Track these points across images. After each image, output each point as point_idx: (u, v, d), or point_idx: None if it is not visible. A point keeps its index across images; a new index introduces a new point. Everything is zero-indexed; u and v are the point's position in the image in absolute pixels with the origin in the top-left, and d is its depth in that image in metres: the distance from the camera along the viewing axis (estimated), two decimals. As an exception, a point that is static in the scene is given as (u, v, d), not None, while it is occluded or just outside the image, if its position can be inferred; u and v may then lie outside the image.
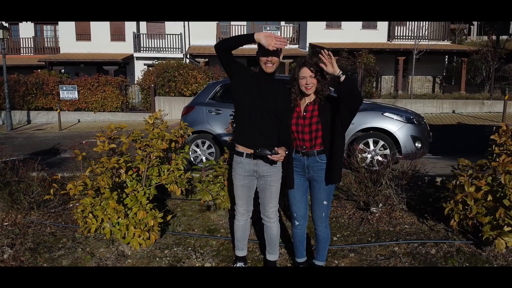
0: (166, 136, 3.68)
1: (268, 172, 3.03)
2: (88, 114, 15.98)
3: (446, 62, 23.13)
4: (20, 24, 26.28)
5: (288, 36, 23.88)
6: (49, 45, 25.99)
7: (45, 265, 3.91)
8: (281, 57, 3.00)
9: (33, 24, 26.19)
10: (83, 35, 24.02)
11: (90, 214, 3.70)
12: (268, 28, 23.27)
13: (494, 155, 3.34)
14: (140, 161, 3.70)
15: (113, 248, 3.99)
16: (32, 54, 25.44)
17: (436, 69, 21.94)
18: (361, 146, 5.86)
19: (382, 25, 21.80)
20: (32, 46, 25.76)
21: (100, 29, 23.73)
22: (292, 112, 3.01)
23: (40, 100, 15.91)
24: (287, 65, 21.22)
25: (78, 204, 3.73)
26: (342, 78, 2.66)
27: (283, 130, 3.01)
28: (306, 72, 2.91)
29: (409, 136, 5.79)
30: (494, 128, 3.44)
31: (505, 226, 3.20)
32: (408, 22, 21.52)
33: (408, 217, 4.04)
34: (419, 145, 5.78)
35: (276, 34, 2.89)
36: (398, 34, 21.90)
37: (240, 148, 3.06)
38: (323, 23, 21.81)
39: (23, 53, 25.88)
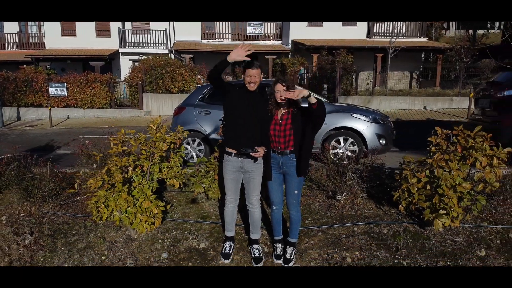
0: (167, 139, 4.42)
1: (252, 168, 3.81)
2: (77, 110, 16.48)
3: (423, 58, 24.19)
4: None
5: (272, 32, 24.58)
6: (33, 41, 26.09)
7: (63, 248, 4.63)
8: (261, 77, 3.77)
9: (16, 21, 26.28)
10: (68, 31, 24.24)
11: (102, 205, 4.43)
12: (252, 25, 23.93)
13: (431, 153, 4.18)
14: (144, 160, 4.44)
15: (121, 233, 4.73)
16: (17, 50, 25.52)
17: (413, 65, 22.96)
18: (333, 142, 6.70)
19: (362, 22, 22.68)
20: (17, 41, 25.85)
21: (85, 25, 23.95)
22: (271, 119, 3.79)
23: (30, 97, 16.33)
24: (270, 61, 21.95)
25: (92, 196, 4.44)
26: (312, 101, 3.43)
27: (263, 134, 3.79)
28: (279, 87, 3.68)
29: (374, 134, 6.65)
30: (433, 130, 4.28)
31: (441, 210, 4.05)
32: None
33: (367, 203, 4.89)
34: (383, 141, 6.65)
35: (245, 43, 3.71)
36: (377, 31, 22.83)
37: (229, 149, 3.83)
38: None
39: (8, 48, 25.95)
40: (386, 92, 16.60)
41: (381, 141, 6.64)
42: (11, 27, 26.07)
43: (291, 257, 3.95)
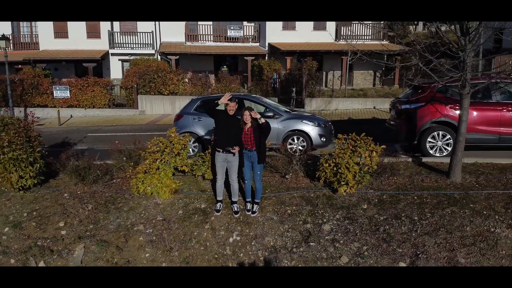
0: (180, 142, 7.33)
1: (232, 159, 6.75)
2: (79, 110, 19.07)
3: (385, 58, 27.37)
4: (-5, 20, 28.34)
5: (250, 34, 27.33)
6: (26, 41, 28.14)
7: (114, 211, 7.49)
8: (235, 106, 6.70)
9: (9, 21, 28.31)
10: (61, 33, 26.40)
11: (139, 183, 7.34)
12: (231, 27, 26.63)
13: (338, 147, 7.18)
14: (167, 154, 7.34)
15: (150, 201, 7.62)
16: (11, 50, 27.60)
17: (376, 65, 26.05)
18: (289, 140, 9.71)
19: (331, 27, 25.61)
20: (10, 42, 27.90)
21: (76, 27, 26.15)
22: (242, 131, 6.73)
23: (36, 98, 18.82)
24: (249, 62, 24.79)
25: (134, 177, 7.32)
26: (262, 121, 6.40)
27: (238, 139, 6.72)
28: (246, 113, 6.62)
29: (317, 134, 9.68)
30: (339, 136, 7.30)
31: (342, 182, 7.08)
32: (352, 24, 25.59)
33: (304, 180, 7.91)
34: (324, 139, 9.68)
35: (227, 94, 6.66)
36: (344, 34, 25.85)
37: (218, 148, 6.76)
38: (280, 25, 25.43)
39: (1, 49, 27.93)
40: (345, 94, 19.67)
41: (322, 139, 9.67)
42: (4, 29, 28.03)
43: (256, 210, 6.95)
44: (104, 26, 26.48)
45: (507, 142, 8.88)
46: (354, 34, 25.41)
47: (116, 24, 27.34)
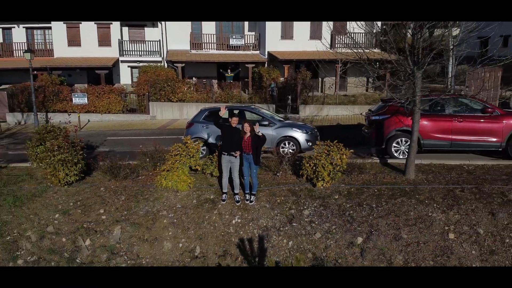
0: (194, 147, 9.55)
1: (234, 160, 8.97)
2: (96, 115, 21.31)
3: (377, 65, 29.52)
4: (12, 29, 30.62)
5: (251, 42, 29.51)
6: (40, 48, 30.35)
7: (143, 201, 9.71)
8: (237, 120, 8.92)
9: (24, 29, 30.60)
10: (74, 41, 28.62)
11: (163, 179, 9.56)
12: (234, 36, 28.85)
13: (315, 152, 9.37)
14: (185, 156, 9.56)
15: (170, 193, 9.82)
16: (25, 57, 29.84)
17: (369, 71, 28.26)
18: (282, 144, 11.91)
19: (326, 36, 27.74)
20: (25, 49, 30.09)
21: (89, 36, 28.37)
22: (242, 139, 8.93)
23: (57, 104, 21.07)
24: (250, 69, 26.98)
25: (158, 175, 9.53)
26: (260, 134, 8.62)
27: (239, 145, 8.93)
28: (246, 125, 8.84)
29: (305, 139, 11.87)
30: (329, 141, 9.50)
31: (319, 178, 9.27)
32: (346, 33, 27.71)
33: (292, 177, 10.10)
34: (310, 144, 11.86)
35: (223, 106, 8.89)
36: (338, 42, 27.98)
37: (224, 152, 8.98)
38: (279, 35, 27.60)
39: (16, 55, 30.10)
40: (336, 101, 21.83)
41: (308, 143, 11.85)
42: (19, 37, 30.34)
43: (253, 200, 9.15)
44: (114, 34, 28.65)
45: (457, 147, 11.06)
46: (347, 42, 27.55)
47: (125, 33, 29.56)
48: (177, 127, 19.43)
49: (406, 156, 10.19)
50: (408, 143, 10.97)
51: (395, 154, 11.17)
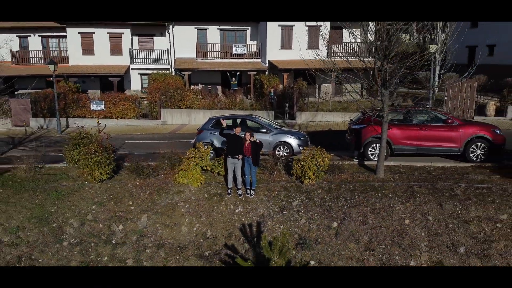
0: (206, 151, 12.03)
1: (237, 162, 11.45)
2: (112, 120, 23.83)
3: (371, 73, 31.94)
4: (28, 37, 33.21)
5: (253, 51, 31.95)
6: (55, 55, 32.81)
7: (164, 194, 12.18)
8: (240, 130, 11.41)
9: (40, 37, 33.19)
10: (87, 50, 31.11)
11: (180, 177, 12.04)
12: (237, 46, 31.33)
13: (302, 155, 11.81)
14: (198, 159, 12.03)
15: (186, 188, 12.29)
16: (41, 64, 32.30)
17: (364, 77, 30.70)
18: (277, 148, 14.36)
19: (323, 45, 30.18)
20: (41, 56, 32.62)
21: (101, 45, 30.87)
22: (243, 145, 11.41)
23: (77, 111, 23.63)
24: (252, 76, 29.46)
25: (176, 174, 12.01)
26: (258, 142, 11.11)
27: (240, 150, 11.40)
28: (247, 133, 11.32)
29: (297, 144, 14.32)
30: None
31: (306, 176, 11.73)
32: (342, 43, 30.13)
33: (285, 175, 12.56)
34: (301, 148, 14.26)
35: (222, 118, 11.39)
36: (335, 51, 30.39)
37: (229, 155, 11.46)
38: (279, 44, 30.05)
39: (33, 63, 32.63)
40: (330, 108, 24.24)
41: (300, 148, 14.28)
42: (34, 45, 32.90)
43: (252, 194, 11.62)
44: (125, 43, 31.15)
45: (423, 151, 13.48)
46: (342, 51, 29.95)
47: (135, 42, 32.08)
48: (186, 131, 21.92)
49: (377, 159, 12.64)
50: (382, 148, 13.43)
51: (371, 157, 13.59)
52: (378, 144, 13.46)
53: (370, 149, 13.60)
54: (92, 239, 11.37)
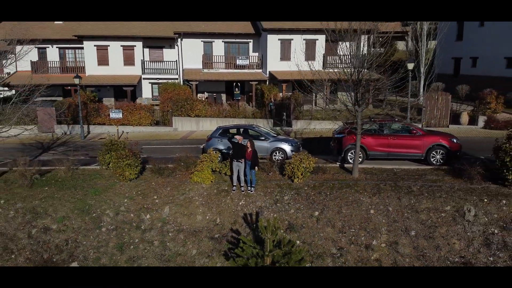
0: (215, 155, 15.33)
1: (241, 165, 14.77)
2: (129, 127, 27.17)
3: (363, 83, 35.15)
4: (47, 49, 36.59)
5: (255, 62, 35.25)
6: (70, 65, 36.13)
7: (181, 191, 15.47)
8: (242, 138, 14.74)
9: (57, 49, 36.60)
10: (103, 61, 34.45)
11: (194, 176, 15.35)
12: (240, 58, 34.65)
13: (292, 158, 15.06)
14: (209, 162, 15.33)
15: (199, 186, 15.58)
16: (59, 74, 35.62)
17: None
18: (274, 153, 17.63)
19: (319, 57, 33.42)
20: (58, 66, 35.98)
21: (115, 56, 34.17)
22: (245, 151, 14.70)
23: (97, 119, 27.04)
24: (253, 86, 32.77)
25: (192, 174, 15.31)
26: (255, 150, 14.44)
27: (243, 155, 14.68)
28: (248, 142, 14.63)
29: (290, 150, 17.58)
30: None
31: (295, 175, 14.98)
32: (337, 54, 33.35)
33: (279, 175, 15.81)
34: (294, 153, 17.52)
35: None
36: (330, 62, 33.60)
37: (234, 159, 14.77)
38: (278, 56, 33.32)
39: (50, 72, 35.96)
40: (323, 117, 27.47)
41: (293, 153, 17.47)
42: (52, 55, 36.23)
43: (253, 190, 14.89)
44: (137, 55, 34.48)
45: (392, 156, 16.72)
46: (337, 62, 33.21)
47: (147, 54, 35.42)
48: (195, 137, 25.23)
49: (359, 162, 15.86)
50: (360, 153, 16.73)
51: (350, 161, 16.82)
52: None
53: (349, 154, 16.84)
54: (125, 226, 14.65)
